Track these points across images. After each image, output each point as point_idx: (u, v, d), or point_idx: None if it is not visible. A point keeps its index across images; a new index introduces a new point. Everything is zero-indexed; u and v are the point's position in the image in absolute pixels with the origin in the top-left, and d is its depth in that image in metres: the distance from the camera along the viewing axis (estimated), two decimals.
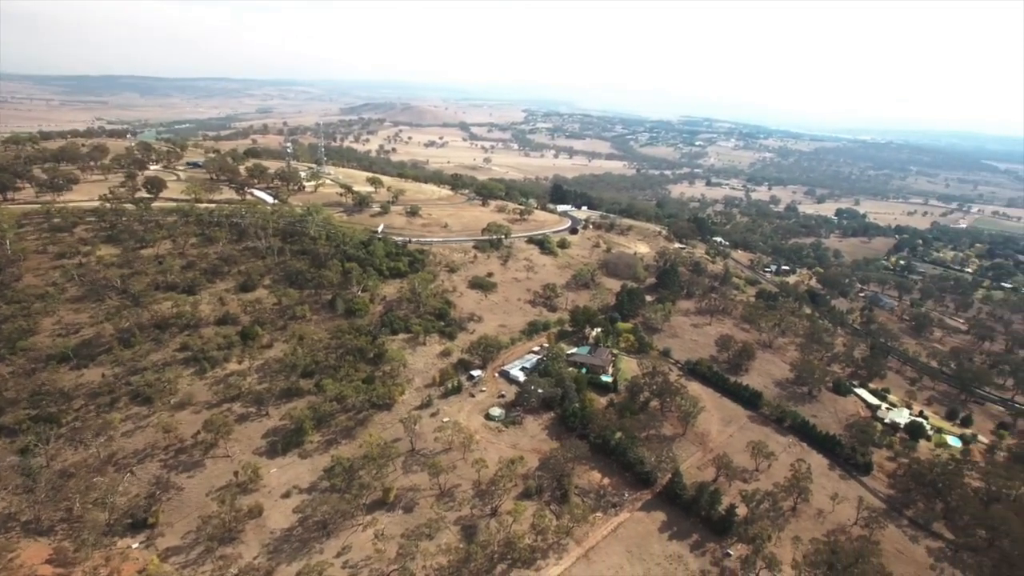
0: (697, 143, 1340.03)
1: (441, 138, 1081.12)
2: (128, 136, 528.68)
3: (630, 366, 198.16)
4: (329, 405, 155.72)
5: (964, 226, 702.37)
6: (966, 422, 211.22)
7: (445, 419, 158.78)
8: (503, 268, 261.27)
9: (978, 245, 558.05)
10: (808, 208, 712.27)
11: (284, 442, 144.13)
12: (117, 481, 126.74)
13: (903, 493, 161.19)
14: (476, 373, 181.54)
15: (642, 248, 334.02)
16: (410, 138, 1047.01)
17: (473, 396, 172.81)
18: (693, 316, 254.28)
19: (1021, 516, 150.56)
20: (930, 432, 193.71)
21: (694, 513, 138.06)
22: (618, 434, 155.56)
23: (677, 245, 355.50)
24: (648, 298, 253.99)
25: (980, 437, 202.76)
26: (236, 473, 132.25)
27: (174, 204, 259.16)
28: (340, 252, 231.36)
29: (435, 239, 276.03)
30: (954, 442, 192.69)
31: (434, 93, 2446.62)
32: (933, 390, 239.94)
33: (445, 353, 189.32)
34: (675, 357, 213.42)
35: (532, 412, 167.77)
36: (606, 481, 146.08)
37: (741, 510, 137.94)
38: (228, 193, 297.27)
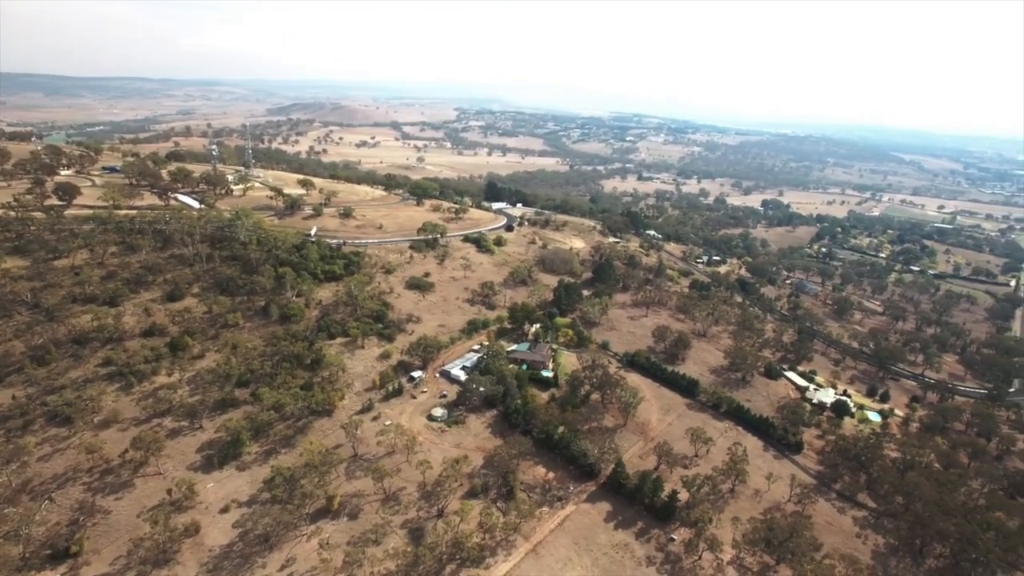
0: (628, 139, 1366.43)
1: (373, 138, 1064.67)
2: (33, 139, 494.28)
3: (570, 360, 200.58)
4: (267, 414, 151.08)
5: (877, 214, 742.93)
6: (884, 398, 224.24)
7: (387, 422, 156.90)
8: (440, 268, 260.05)
9: (889, 231, 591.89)
10: (736, 200, 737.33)
11: (220, 455, 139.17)
12: (33, 510, 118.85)
13: (831, 468, 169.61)
14: (417, 374, 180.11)
15: (577, 243, 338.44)
16: (341, 139, 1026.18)
17: (415, 397, 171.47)
18: (630, 308, 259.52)
19: (932, 481, 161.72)
20: (853, 409, 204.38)
21: (638, 501, 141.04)
22: (561, 428, 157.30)
23: (612, 239, 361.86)
24: (585, 292, 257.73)
25: (896, 411, 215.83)
26: (169, 491, 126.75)
27: (90, 211, 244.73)
28: (272, 257, 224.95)
29: (370, 240, 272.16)
30: (874, 417, 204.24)
31: (364, 92, 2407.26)
32: (855, 369, 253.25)
33: (384, 355, 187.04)
34: (614, 349, 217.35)
35: (475, 411, 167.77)
36: (551, 475, 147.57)
37: (683, 495, 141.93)
38: (150, 199, 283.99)
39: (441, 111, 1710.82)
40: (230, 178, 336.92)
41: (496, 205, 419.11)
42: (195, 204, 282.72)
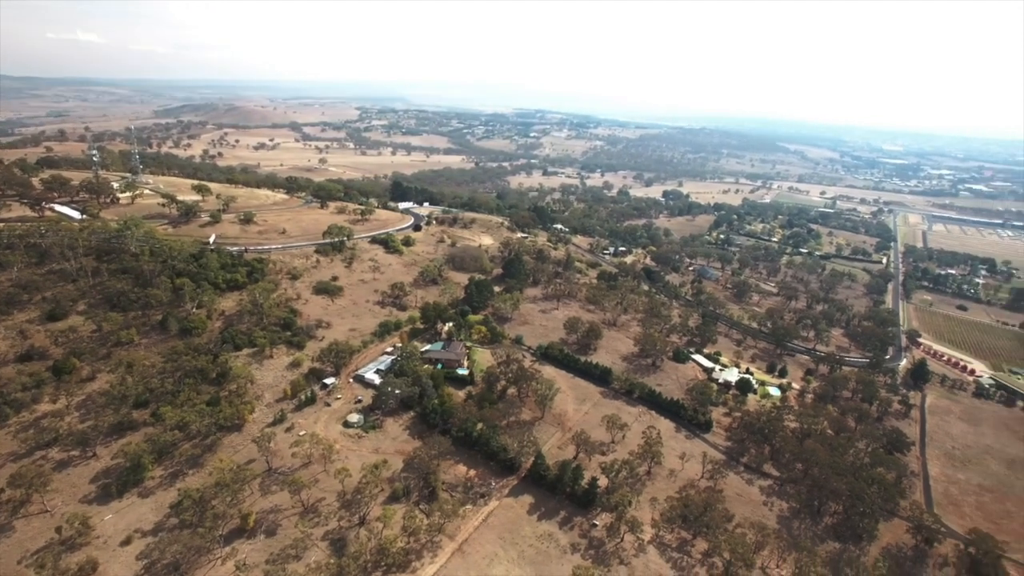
0: (532, 134, 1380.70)
1: (272, 140, 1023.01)
2: None
3: (485, 357, 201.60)
4: (170, 435, 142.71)
5: (768, 201, 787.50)
6: (783, 373, 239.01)
7: (301, 432, 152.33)
8: (348, 271, 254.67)
9: (780, 217, 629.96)
10: (638, 192, 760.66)
11: (119, 483, 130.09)
12: None
13: (738, 443, 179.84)
14: (330, 381, 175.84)
15: (486, 240, 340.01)
16: (237, 141, 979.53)
17: (329, 405, 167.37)
18: (541, 302, 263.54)
19: (826, 446, 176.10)
20: (756, 386, 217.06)
21: (559, 491, 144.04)
22: (479, 425, 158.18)
23: (520, 235, 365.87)
24: (496, 289, 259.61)
25: (794, 384, 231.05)
26: (59, 529, 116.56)
27: None
28: (168, 268, 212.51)
29: (274, 246, 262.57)
30: (775, 392, 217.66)
31: (259, 93, 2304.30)
32: (755, 348, 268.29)
33: (295, 364, 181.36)
34: (527, 343, 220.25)
35: (392, 414, 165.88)
36: (472, 473, 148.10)
37: (602, 481, 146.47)
38: (20, 210, 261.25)
39: (342, 111, 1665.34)
40: (116, 185, 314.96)
41: (403, 205, 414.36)
42: (75, 215, 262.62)
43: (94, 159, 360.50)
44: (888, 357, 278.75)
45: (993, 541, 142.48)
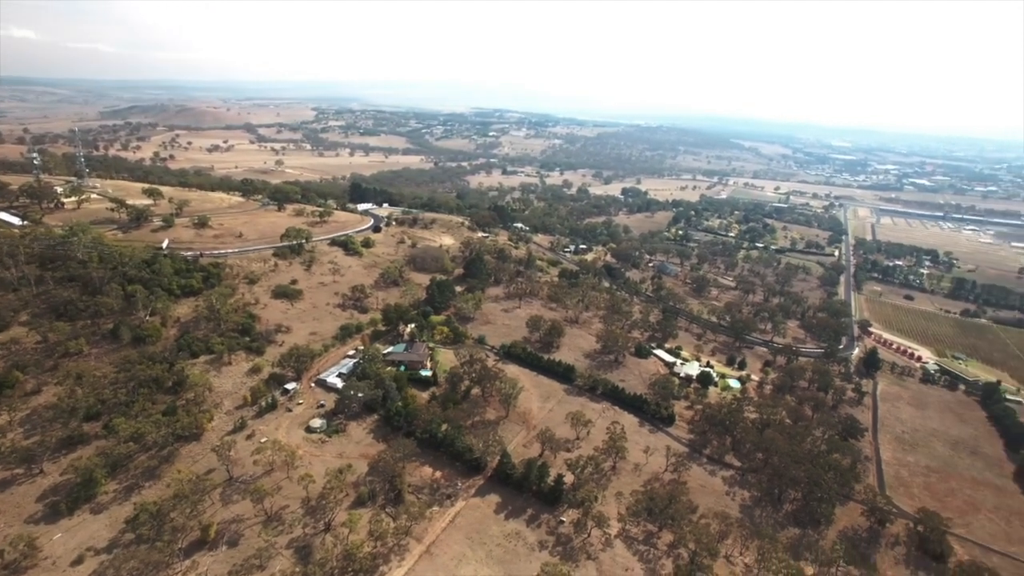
0: (490, 134, 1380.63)
1: (226, 142, 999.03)
2: None
3: (448, 357, 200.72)
4: (124, 447, 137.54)
5: (724, 197, 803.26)
6: (742, 365, 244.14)
7: (263, 439, 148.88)
8: (307, 274, 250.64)
9: (736, 212, 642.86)
10: (597, 189, 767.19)
11: (69, 500, 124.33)
12: None
13: (700, 435, 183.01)
14: (291, 386, 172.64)
15: (447, 240, 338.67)
16: (190, 143, 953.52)
17: (291, 410, 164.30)
18: (503, 301, 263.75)
19: (784, 435, 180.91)
20: (716, 379, 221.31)
21: (526, 489, 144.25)
22: (444, 426, 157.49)
23: (481, 234, 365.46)
24: (458, 289, 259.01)
25: (752, 376, 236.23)
26: (1, 553, 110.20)
27: None
28: (119, 274, 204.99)
29: (230, 250, 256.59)
30: (735, 384, 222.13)
31: (211, 93, 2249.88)
32: (715, 342, 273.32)
33: (255, 370, 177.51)
34: (490, 343, 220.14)
35: (355, 417, 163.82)
36: (438, 474, 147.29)
37: (568, 478, 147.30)
38: None
39: (298, 111, 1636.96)
40: (59, 190, 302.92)
41: (362, 206, 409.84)
42: (15, 221, 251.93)
43: (35, 162, 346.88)
44: (842, 347, 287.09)
45: (939, 519, 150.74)
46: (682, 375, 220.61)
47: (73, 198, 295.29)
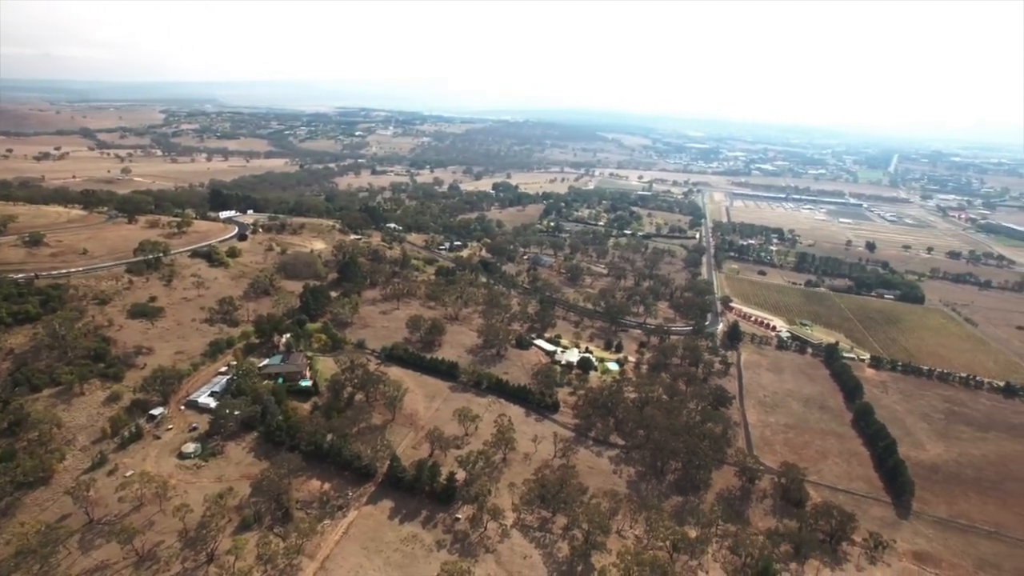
0: (357, 133, 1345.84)
1: (58, 148, 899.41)
2: None
3: (328, 365, 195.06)
4: None
5: (592, 187, 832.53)
6: (619, 348, 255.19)
7: (128, 473, 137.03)
8: (168, 289, 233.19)
9: (604, 202, 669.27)
10: (469, 186, 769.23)
11: None
12: None
13: (585, 419, 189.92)
14: (158, 411, 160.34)
15: (319, 245, 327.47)
16: (11, 151, 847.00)
17: (159, 438, 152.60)
18: (380, 304, 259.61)
19: (662, 411, 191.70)
20: (596, 363, 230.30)
21: (419, 491, 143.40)
22: (329, 436, 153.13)
23: (353, 237, 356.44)
24: (333, 294, 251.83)
25: (629, 358, 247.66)
26: None
27: None
28: None
29: (74, 269, 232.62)
30: (613, 367, 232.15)
31: (33, 94, 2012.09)
32: (593, 328, 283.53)
33: (113, 398, 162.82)
34: (371, 346, 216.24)
35: (233, 437, 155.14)
36: (327, 486, 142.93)
37: (460, 475, 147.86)
38: None
39: (144, 114, 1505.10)
40: None
41: (224, 214, 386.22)
42: None
43: None
44: (708, 323, 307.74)
45: (797, 469, 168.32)
46: (563, 362, 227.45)
47: None
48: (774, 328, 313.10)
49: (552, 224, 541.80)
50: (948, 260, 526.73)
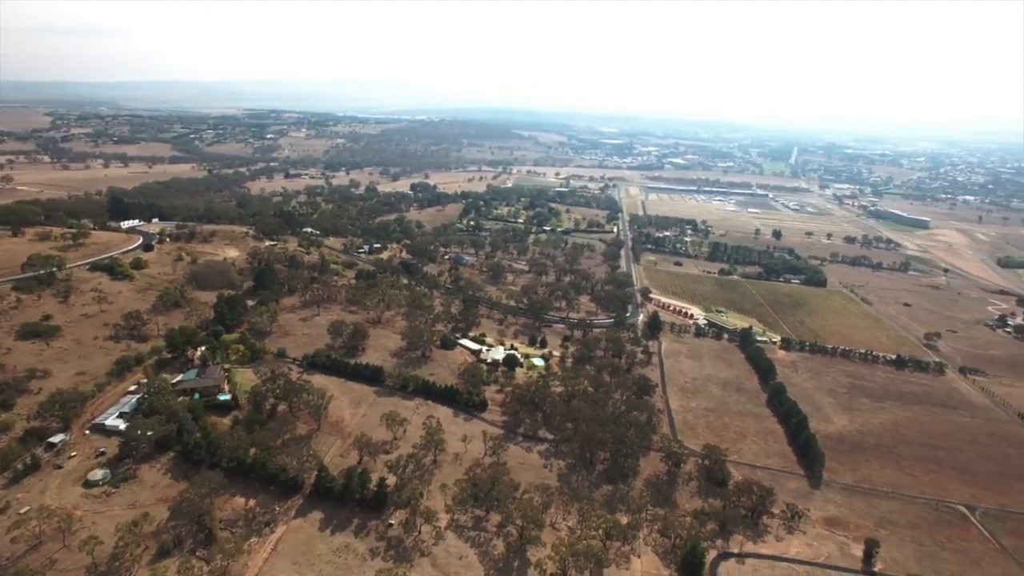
0: (268, 136, 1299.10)
1: None
2: None
3: (247, 377, 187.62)
4: None
5: (510, 185, 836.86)
6: (543, 344, 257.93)
7: (24, 509, 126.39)
8: (65, 306, 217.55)
9: (523, 199, 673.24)
10: (386, 187, 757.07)
11: None
12: None
13: (513, 416, 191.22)
14: (58, 439, 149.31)
15: (232, 252, 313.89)
16: None
17: (61, 467, 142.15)
18: (300, 310, 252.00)
19: (589, 403, 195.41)
20: (521, 360, 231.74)
21: (349, 499, 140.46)
22: (252, 450, 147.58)
23: (268, 243, 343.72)
24: (249, 303, 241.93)
25: (554, 352, 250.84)
26: None
27: None
28: None
29: None
30: (539, 362, 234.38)
31: None
32: (516, 324, 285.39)
33: (3, 428, 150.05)
34: (292, 355, 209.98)
35: (147, 459, 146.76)
36: (252, 502, 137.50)
37: (391, 480, 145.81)
38: None
39: (27, 117, 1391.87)
40: None
41: (127, 223, 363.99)
42: None
43: None
44: (628, 315, 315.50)
45: (719, 451, 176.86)
46: (489, 361, 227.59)
47: None
48: (692, 316, 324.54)
49: (472, 223, 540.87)
50: (845, 245, 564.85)
